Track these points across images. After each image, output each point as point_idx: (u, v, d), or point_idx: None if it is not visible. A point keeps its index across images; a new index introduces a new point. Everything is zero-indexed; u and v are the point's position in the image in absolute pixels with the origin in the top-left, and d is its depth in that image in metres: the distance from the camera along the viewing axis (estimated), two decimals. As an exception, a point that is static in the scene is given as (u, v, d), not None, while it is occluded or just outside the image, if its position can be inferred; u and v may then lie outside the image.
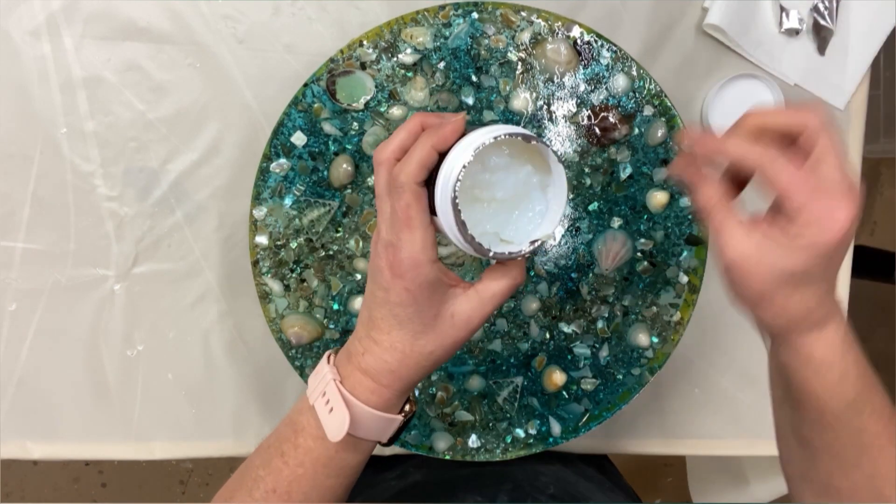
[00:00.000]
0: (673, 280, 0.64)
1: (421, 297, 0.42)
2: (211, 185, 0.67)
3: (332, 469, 0.45)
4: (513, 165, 0.43)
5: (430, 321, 0.43)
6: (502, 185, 0.44)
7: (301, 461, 0.45)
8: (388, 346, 0.44)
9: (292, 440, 0.46)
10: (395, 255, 0.41)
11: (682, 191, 0.63)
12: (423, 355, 0.44)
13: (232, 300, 0.69)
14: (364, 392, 0.44)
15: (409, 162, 0.41)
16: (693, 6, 0.67)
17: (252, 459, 0.48)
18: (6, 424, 0.69)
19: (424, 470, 0.70)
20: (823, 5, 0.66)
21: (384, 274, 0.42)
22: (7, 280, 0.68)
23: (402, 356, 0.44)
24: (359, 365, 0.45)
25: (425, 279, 0.42)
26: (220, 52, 0.66)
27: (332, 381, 0.45)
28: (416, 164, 0.40)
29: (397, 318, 0.43)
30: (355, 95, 0.62)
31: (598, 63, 0.62)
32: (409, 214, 0.41)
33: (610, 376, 0.64)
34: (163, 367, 0.70)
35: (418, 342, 0.44)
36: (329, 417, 0.44)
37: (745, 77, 0.67)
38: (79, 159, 0.66)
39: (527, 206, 0.44)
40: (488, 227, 0.44)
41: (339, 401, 0.44)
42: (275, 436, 0.48)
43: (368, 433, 0.45)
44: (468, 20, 0.62)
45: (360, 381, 0.44)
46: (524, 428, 0.64)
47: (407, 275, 0.41)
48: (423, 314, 0.43)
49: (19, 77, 0.65)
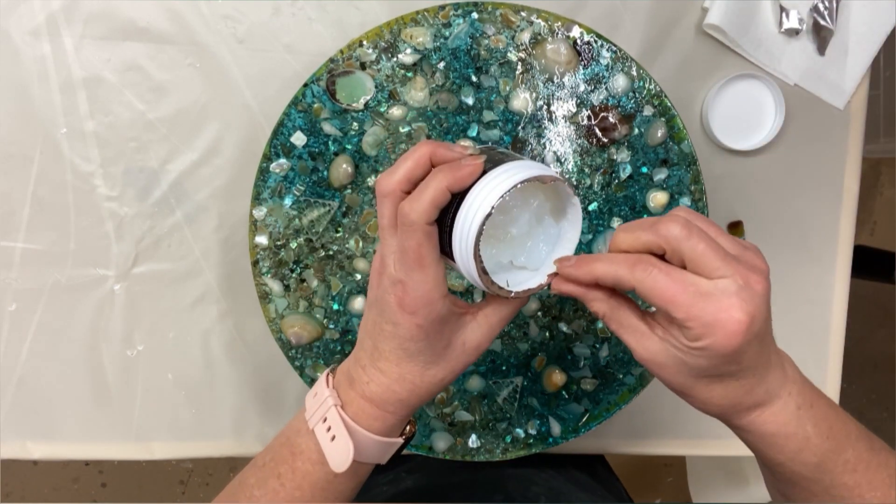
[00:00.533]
0: (673, 280, 0.64)
1: (432, 331, 0.41)
2: (211, 185, 0.67)
3: (329, 493, 0.45)
4: (526, 200, 0.43)
5: (441, 352, 0.43)
6: (516, 221, 0.43)
7: (299, 484, 0.45)
8: (397, 377, 0.43)
9: (290, 462, 0.45)
10: (406, 293, 0.40)
11: (681, 192, 0.63)
12: (434, 384, 0.44)
13: (232, 300, 0.69)
14: (367, 419, 0.44)
15: (420, 200, 0.39)
16: (693, 6, 0.67)
17: (246, 477, 0.47)
18: (6, 424, 0.69)
19: (417, 475, 0.70)
20: (823, 5, 0.66)
21: (393, 310, 0.41)
22: (7, 280, 0.68)
23: (413, 387, 0.43)
24: (363, 393, 0.44)
25: (438, 315, 0.41)
26: (220, 52, 0.66)
27: (333, 406, 0.44)
28: (429, 205, 0.38)
29: (407, 351, 0.42)
30: (355, 95, 0.62)
31: (597, 63, 0.62)
32: (421, 254, 0.39)
33: (610, 376, 0.64)
34: (163, 367, 0.70)
35: (429, 372, 0.43)
36: (332, 446, 0.43)
37: (745, 77, 0.67)
38: (79, 159, 0.66)
39: (539, 232, 0.44)
40: (503, 258, 0.44)
41: (342, 429, 0.43)
42: (270, 455, 0.47)
43: (370, 458, 0.45)
44: (468, 20, 0.62)
45: (364, 407, 0.44)
46: (524, 428, 0.64)
47: (419, 313, 0.40)
48: (434, 347, 0.42)
49: (19, 77, 0.65)
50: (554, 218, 0.44)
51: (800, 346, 0.71)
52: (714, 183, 0.68)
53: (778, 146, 0.69)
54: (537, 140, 0.62)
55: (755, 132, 0.68)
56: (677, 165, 0.63)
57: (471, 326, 0.44)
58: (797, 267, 0.71)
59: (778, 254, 0.70)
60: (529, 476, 0.68)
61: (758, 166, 0.69)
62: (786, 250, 0.70)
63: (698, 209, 0.63)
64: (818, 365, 0.71)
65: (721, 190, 0.69)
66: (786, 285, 0.71)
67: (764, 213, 0.70)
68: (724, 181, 0.69)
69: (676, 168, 0.63)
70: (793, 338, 0.71)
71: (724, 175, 0.69)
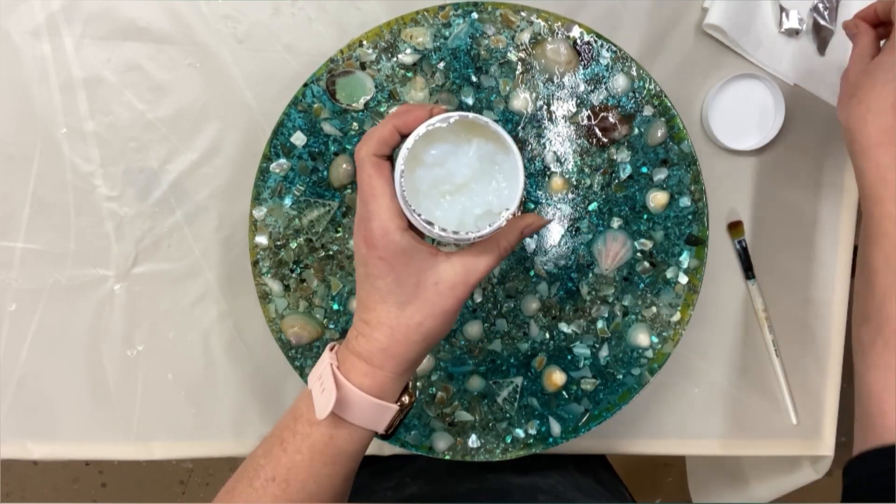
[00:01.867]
0: (673, 280, 0.64)
1: (397, 264, 0.43)
2: (211, 185, 0.67)
3: (327, 456, 0.46)
4: (460, 146, 0.44)
5: (411, 289, 0.44)
6: (458, 170, 0.45)
7: (298, 447, 0.46)
8: (376, 322, 0.44)
9: (291, 427, 0.46)
10: (366, 226, 0.43)
11: (681, 192, 0.63)
12: (412, 327, 0.44)
13: (232, 300, 0.69)
14: (358, 375, 0.45)
15: (369, 138, 0.43)
16: (693, 6, 0.67)
17: (255, 450, 0.49)
18: (6, 424, 0.69)
19: (421, 482, 0.70)
20: (823, 5, 0.66)
21: (360, 249, 0.44)
22: (7, 280, 0.68)
23: (391, 331, 0.44)
24: (353, 349, 0.45)
25: (397, 246, 0.42)
26: (220, 52, 0.66)
27: (328, 365, 0.45)
28: (375, 140, 0.43)
29: (379, 291, 0.44)
30: (355, 95, 0.62)
31: (597, 63, 0.62)
32: (372, 185, 0.42)
33: (610, 376, 0.64)
34: (163, 367, 0.70)
35: (404, 313, 0.44)
36: (320, 397, 0.45)
37: (745, 77, 0.67)
38: (79, 159, 0.66)
39: (488, 179, 0.45)
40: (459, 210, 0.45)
41: (330, 381, 0.44)
42: (277, 426, 0.48)
43: (362, 419, 0.45)
44: (468, 20, 0.62)
45: (354, 364, 0.45)
46: (524, 428, 0.64)
47: (379, 243, 0.42)
48: (402, 283, 0.43)
49: (19, 77, 0.65)
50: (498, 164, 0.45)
51: (800, 346, 0.71)
52: (714, 183, 0.68)
53: (778, 146, 0.69)
54: (537, 140, 0.62)
55: (755, 132, 0.68)
56: (677, 165, 0.63)
57: (444, 265, 0.44)
58: (797, 267, 0.71)
59: (778, 254, 0.70)
60: (536, 484, 0.68)
61: (758, 166, 0.69)
62: (786, 250, 0.70)
63: (698, 209, 0.63)
64: (818, 365, 0.71)
65: (721, 190, 0.69)
66: (786, 285, 0.71)
67: (764, 213, 0.70)
68: (724, 181, 0.69)
69: (676, 168, 0.63)
70: (793, 338, 0.71)
71: (724, 175, 0.69)
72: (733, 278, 0.71)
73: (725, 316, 0.71)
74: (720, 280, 0.71)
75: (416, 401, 0.64)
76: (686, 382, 0.72)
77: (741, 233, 0.69)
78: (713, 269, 0.70)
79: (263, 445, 0.48)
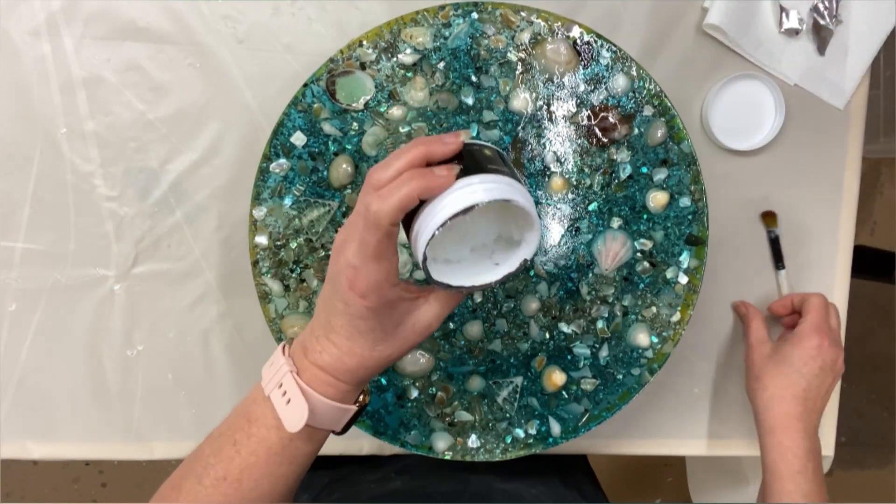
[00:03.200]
0: (673, 280, 0.64)
1: (382, 313, 0.43)
2: (211, 185, 0.67)
3: (285, 457, 0.46)
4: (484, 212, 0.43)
5: (391, 330, 0.45)
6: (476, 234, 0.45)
7: (254, 450, 0.46)
8: (347, 350, 0.45)
9: (245, 429, 0.46)
10: (357, 276, 0.42)
11: (681, 192, 0.63)
12: (382, 359, 0.45)
13: (232, 300, 0.69)
14: (321, 385, 0.45)
15: (389, 202, 0.39)
16: (693, 6, 0.67)
17: (202, 448, 0.49)
18: (6, 424, 0.69)
19: (406, 477, 0.70)
20: (823, 5, 0.66)
21: (344, 290, 0.42)
22: (7, 280, 0.68)
23: (362, 360, 0.45)
24: (316, 362, 0.45)
25: (386, 300, 0.43)
26: (220, 52, 0.66)
27: (288, 372, 0.45)
28: (396, 209, 0.39)
29: (357, 328, 0.44)
30: (355, 95, 0.62)
31: (597, 63, 0.62)
32: (380, 250, 0.41)
33: (610, 376, 0.64)
34: (163, 367, 0.70)
35: (378, 348, 0.45)
36: (287, 409, 0.45)
37: (745, 77, 0.67)
38: (79, 159, 0.66)
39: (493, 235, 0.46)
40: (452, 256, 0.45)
41: (297, 392, 0.44)
42: (226, 425, 0.48)
43: (324, 423, 0.46)
44: (468, 20, 0.62)
45: (317, 374, 0.45)
46: (524, 428, 0.64)
47: (369, 296, 0.42)
48: (384, 326, 0.44)
49: (19, 77, 0.65)
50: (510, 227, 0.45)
51: (800, 346, 0.71)
52: (714, 183, 0.68)
53: (778, 146, 0.69)
54: (537, 140, 0.62)
55: (755, 132, 0.68)
56: (677, 165, 0.63)
57: (423, 309, 0.45)
58: (797, 267, 0.71)
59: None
60: (519, 492, 0.68)
61: (758, 166, 0.69)
62: (786, 250, 0.70)
63: (698, 209, 0.63)
64: (818, 365, 0.71)
65: (721, 190, 0.69)
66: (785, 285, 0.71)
67: (764, 213, 0.70)
68: (724, 181, 0.69)
69: (676, 168, 0.63)
70: (793, 338, 0.71)
71: (724, 175, 0.69)
72: (733, 278, 0.71)
73: (726, 316, 0.71)
74: (720, 280, 0.71)
75: (415, 401, 0.64)
76: (686, 382, 0.72)
77: (774, 223, 0.69)
78: (713, 270, 0.70)
79: (211, 445, 0.48)
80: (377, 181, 0.41)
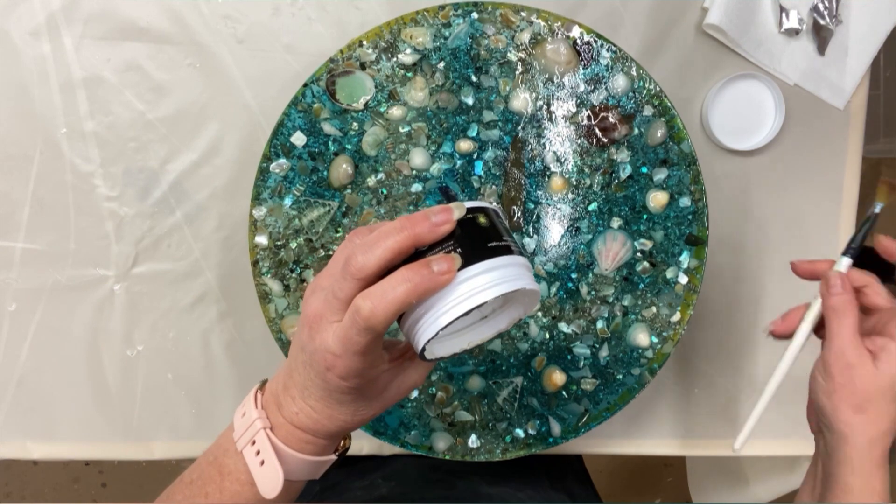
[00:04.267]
0: (673, 280, 0.64)
1: (365, 389, 0.41)
2: (211, 185, 0.67)
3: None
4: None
5: (374, 397, 0.42)
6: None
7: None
8: (327, 416, 0.42)
9: (217, 482, 0.44)
10: (337, 363, 0.39)
11: (681, 192, 0.63)
12: (366, 419, 0.43)
13: (232, 300, 0.69)
14: (298, 443, 0.43)
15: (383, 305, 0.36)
16: (693, 6, 0.67)
17: (173, 493, 0.46)
18: (6, 424, 0.69)
19: (393, 483, 0.69)
20: (823, 5, 0.66)
21: (322, 371, 0.39)
22: (7, 280, 0.68)
23: (344, 424, 0.43)
24: (292, 421, 0.42)
25: (368, 380, 0.41)
26: (220, 52, 0.66)
27: (262, 430, 0.42)
28: (392, 313, 0.36)
29: (338, 400, 0.41)
30: (355, 95, 0.62)
31: (597, 63, 0.62)
32: (367, 349, 0.38)
33: (610, 376, 0.64)
34: (163, 367, 0.70)
35: (360, 412, 0.43)
36: (261, 471, 0.42)
37: (745, 77, 0.67)
38: (79, 159, 0.66)
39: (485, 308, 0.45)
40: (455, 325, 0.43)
41: (271, 455, 0.42)
42: (198, 472, 0.46)
43: (301, 476, 0.44)
44: (468, 20, 0.62)
45: (293, 432, 0.43)
46: (524, 428, 0.64)
47: (349, 380, 0.39)
48: (367, 396, 0.42)
49: (19, 77, 0.65)
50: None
51: (800, 346, 0.71)
52: (714, 183, 0.68)
53: (778, 146, 0.69)
54: (537, 140, 0.62)
55: (755, 132, 0.68)
56: (677, 165, 0.63)
57: (409, 371, 0.43)
58: (797, 267, 0.71)
59: (778, 253, 0.70)
60: (505, 496, 0.68)
61: (758, 166, 0.69)
62: (786, 250, 0.70)
63: (698, 209, 0.63)
64: (818, 365, 0.71)
65: (721, 190, 0.69)
66: (786, 285, 0.71)
67: (764, 213, 0.70)
68: (724, 181, 0.69)
69: (676, 168, 0.63)
70: (793, 338, 0.71)
71: (724, 175, 0.69)
72: (733, 278, 0.71)
73: (725, 316, 0.71)
74: (720, 280, 0.71)
75: (415, 401, 0.64)
76: (686, 382, 0.72)
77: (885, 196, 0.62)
78: (713, 270, 0.70)
79: (183, 490, 0.45)
80: (360, 268, 0.37)
